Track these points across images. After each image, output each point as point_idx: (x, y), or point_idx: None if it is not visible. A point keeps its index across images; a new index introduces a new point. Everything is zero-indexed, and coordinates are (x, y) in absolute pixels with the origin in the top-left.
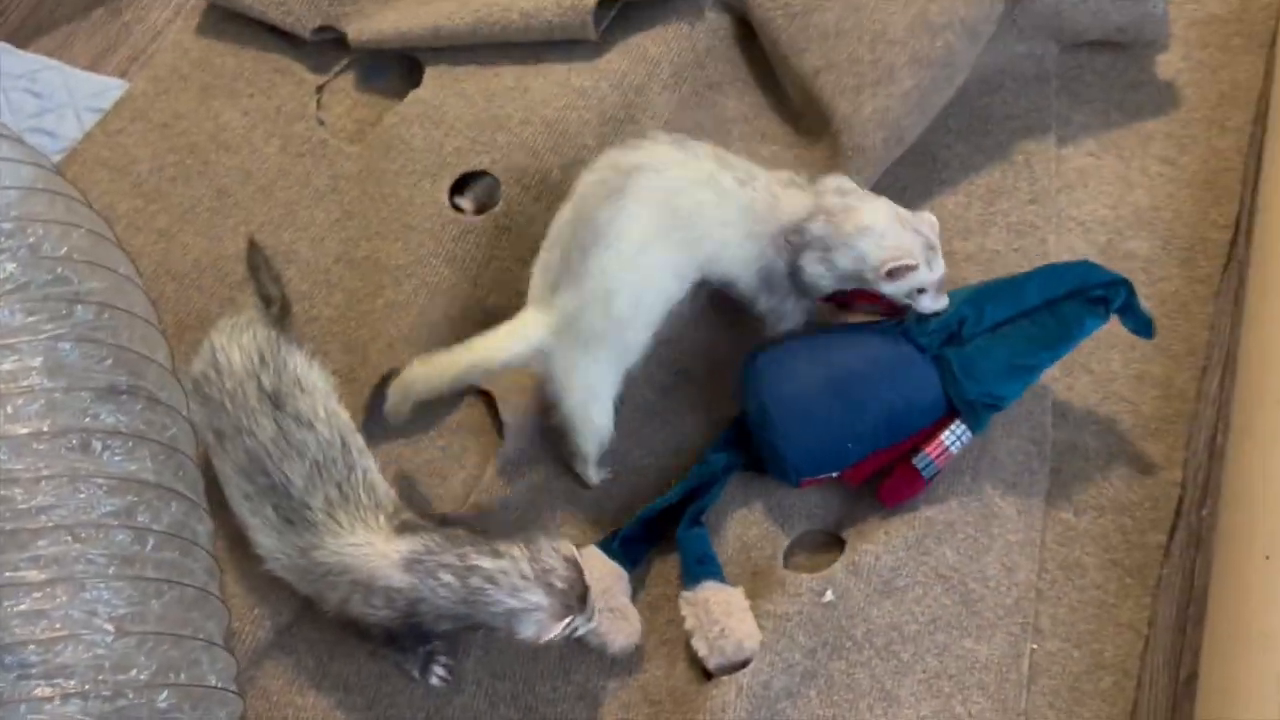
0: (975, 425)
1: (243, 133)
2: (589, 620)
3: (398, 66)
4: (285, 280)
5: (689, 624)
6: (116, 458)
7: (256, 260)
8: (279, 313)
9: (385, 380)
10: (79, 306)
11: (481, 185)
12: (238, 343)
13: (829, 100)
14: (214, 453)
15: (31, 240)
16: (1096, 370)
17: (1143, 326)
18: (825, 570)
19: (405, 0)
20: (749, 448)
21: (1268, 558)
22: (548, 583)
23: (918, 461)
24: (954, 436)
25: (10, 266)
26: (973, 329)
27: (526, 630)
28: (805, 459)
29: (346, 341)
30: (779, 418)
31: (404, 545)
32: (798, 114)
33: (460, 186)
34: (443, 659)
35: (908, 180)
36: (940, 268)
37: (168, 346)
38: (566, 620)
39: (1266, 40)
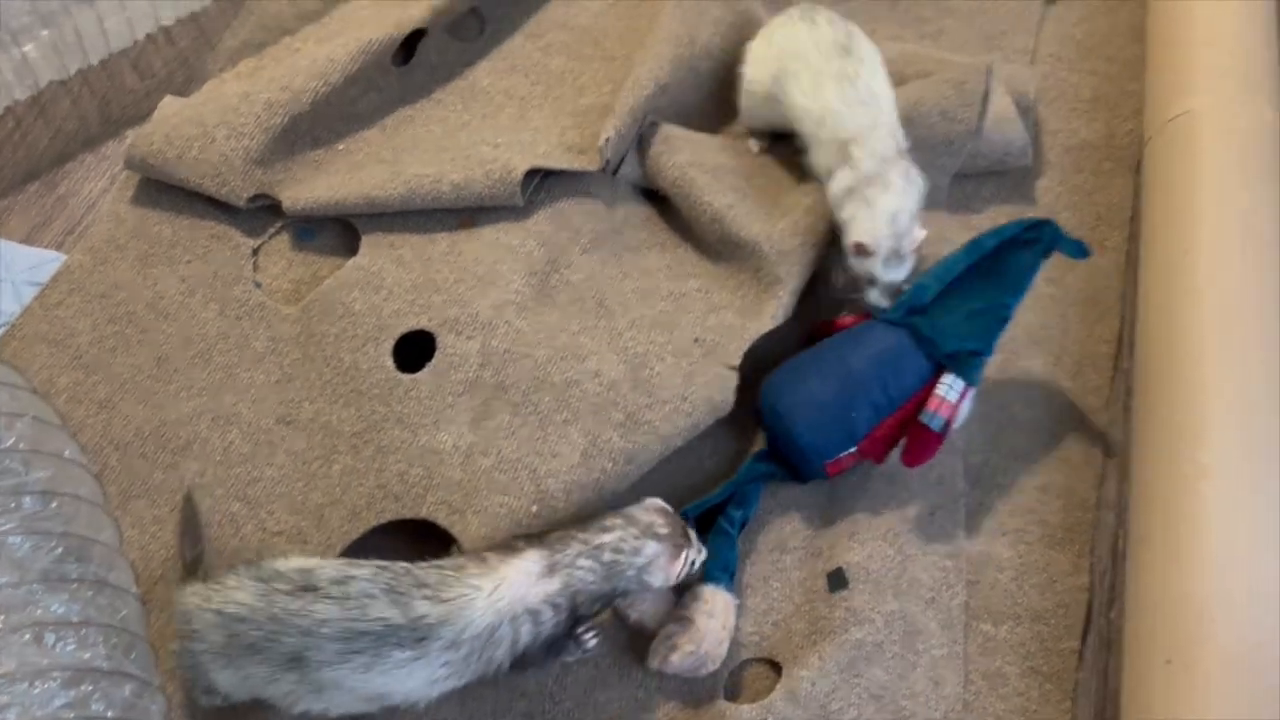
0: (968, 376)
1: (180, 299)
2: (700, 550)
3: (332, 225)
4: (228, 444)
5: (681, 611)
6: (69, 647)
7: (188, 515)
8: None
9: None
10: (26, 497)
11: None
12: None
13: (743, 226)
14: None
15: None
16: (1004, 484)
17: (1077, 250)
18: (764, 699)
19: (338, 167)
20: (779, 461)
21: (1169, 662)
22: (654, 534)
23: (924, 418)
24: (947, 387)
25: None
26: (929, 296)
27: (656, 579)
28: (818, 439)
29: (293, 503)
30: (786, 411)
31: (529, 561)
32: (716, 251)
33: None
34: (584, 627)
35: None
36: (896, 274)
37: (115, 525)
38: (683, 557)
39: (1133, 164)
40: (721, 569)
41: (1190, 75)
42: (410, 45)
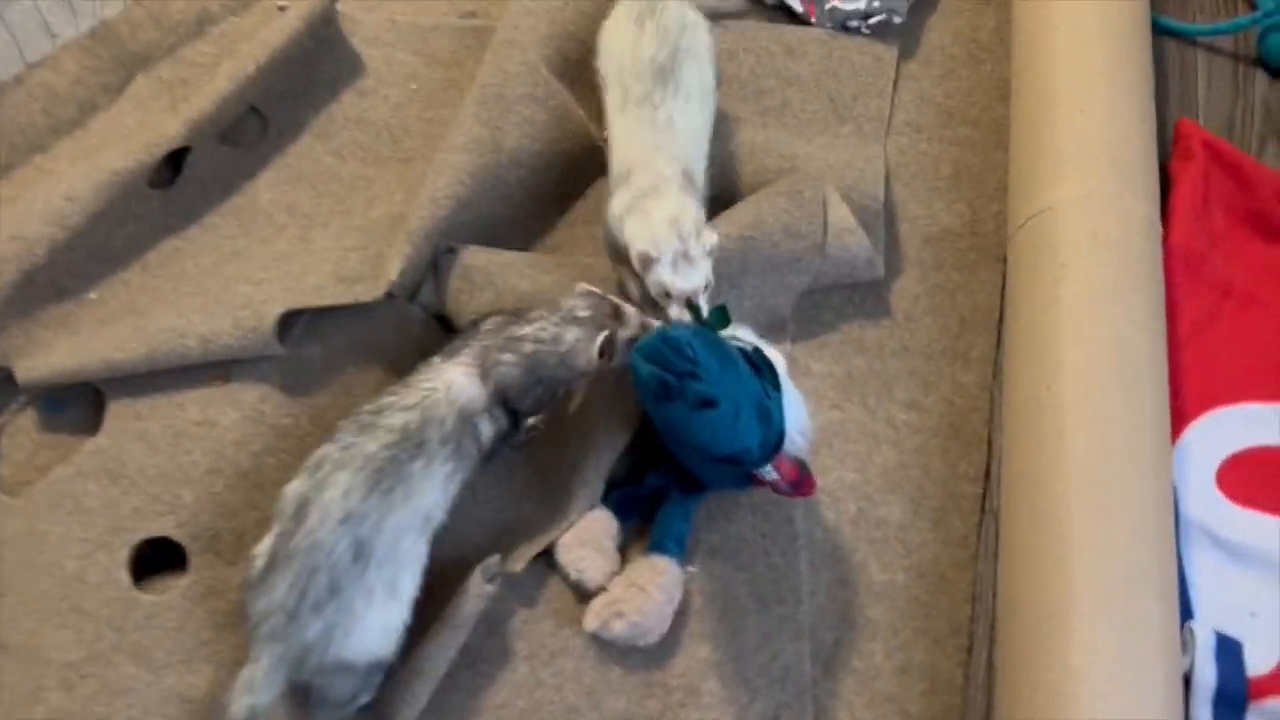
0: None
1: None
2: (634, 327)
3: (84, 394)
4: None
5: (633, 577)
6: None
7: None
8: None
9: None
10: None
11: (163, 554)
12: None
13: None
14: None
15: None
16: (859, 667)
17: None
18: None
19: (84, 323)
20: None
21: None
22: (573, 318)
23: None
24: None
25: None
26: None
27: (580, 362)
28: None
29: None
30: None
31: (465, 362)
32: None
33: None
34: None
35: None
36: (690, 280)
37: None
38: (603, 333)
39: (1000, 253)
40: (674, 540)
41: (1055, 164)
42: (180, 154)
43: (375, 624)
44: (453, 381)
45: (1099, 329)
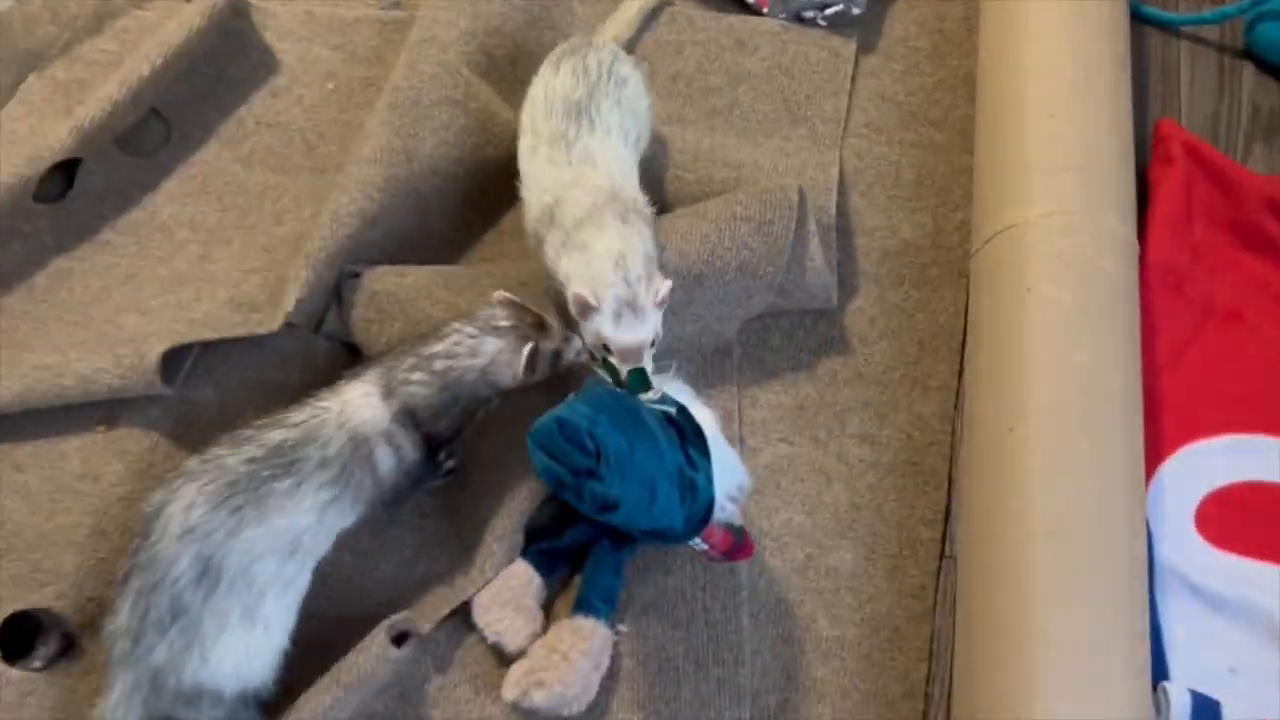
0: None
1: None
2: (557, 340)
3: None
4: None
5: (554, 643)
6: None
7: None
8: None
9: None
10: None
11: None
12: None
13: None
14: None
15: None
16: None
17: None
18: None
19: None
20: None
21: None
22: (492, 328)
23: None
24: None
25: None
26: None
27: (504, 378)
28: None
29: None
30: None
31: (367, 382)
32: None
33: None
34: (444, 452)
35: None
36: (636, 334)
37: None
38: (529, 345)
39: (965, 268)
40: (602, 597)
41: (1021, 176)
42: (73, 164)
43: (234, 649)
44: (348, 402)
45: (1067, 363)
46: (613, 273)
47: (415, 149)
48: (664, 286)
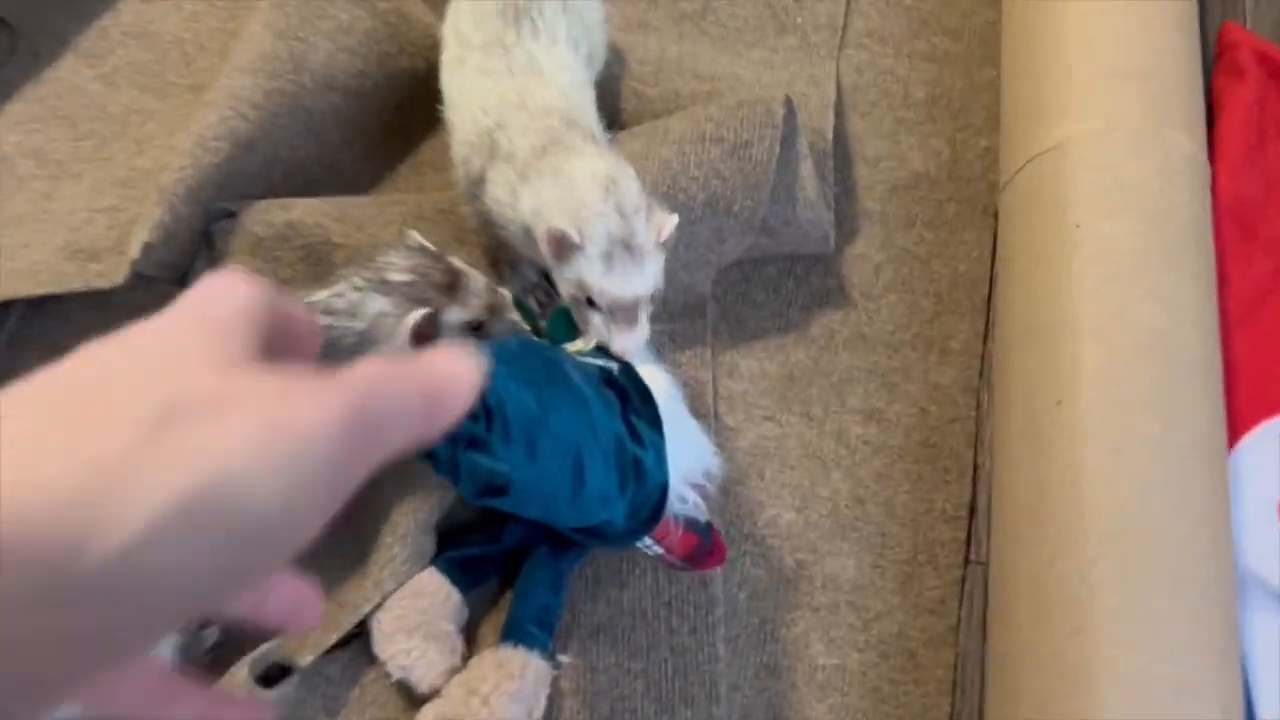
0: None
1: None
2: (476, 309)
3: None
4: None
5: (473, 679)
6: None
7: None
8: None
9: None
10: None
11: None
12: None
13: None
14: None
15: None
16: None
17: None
18: None
19: None
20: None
21: None
22: (382, 281)
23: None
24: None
25: None
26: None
27: (388, 349)
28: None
29: None
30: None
31: None
32: None
33: None
34: None
35: None
36: (632, 284)
37: None
38: (422, 311)
39: (990, 206)
40: (536, 621)
41: (1063, 86)
42: None
43: None
44: None
45: (1130, 317)
46: (601, 201)
47: (305, 56)
48: (669, 222)
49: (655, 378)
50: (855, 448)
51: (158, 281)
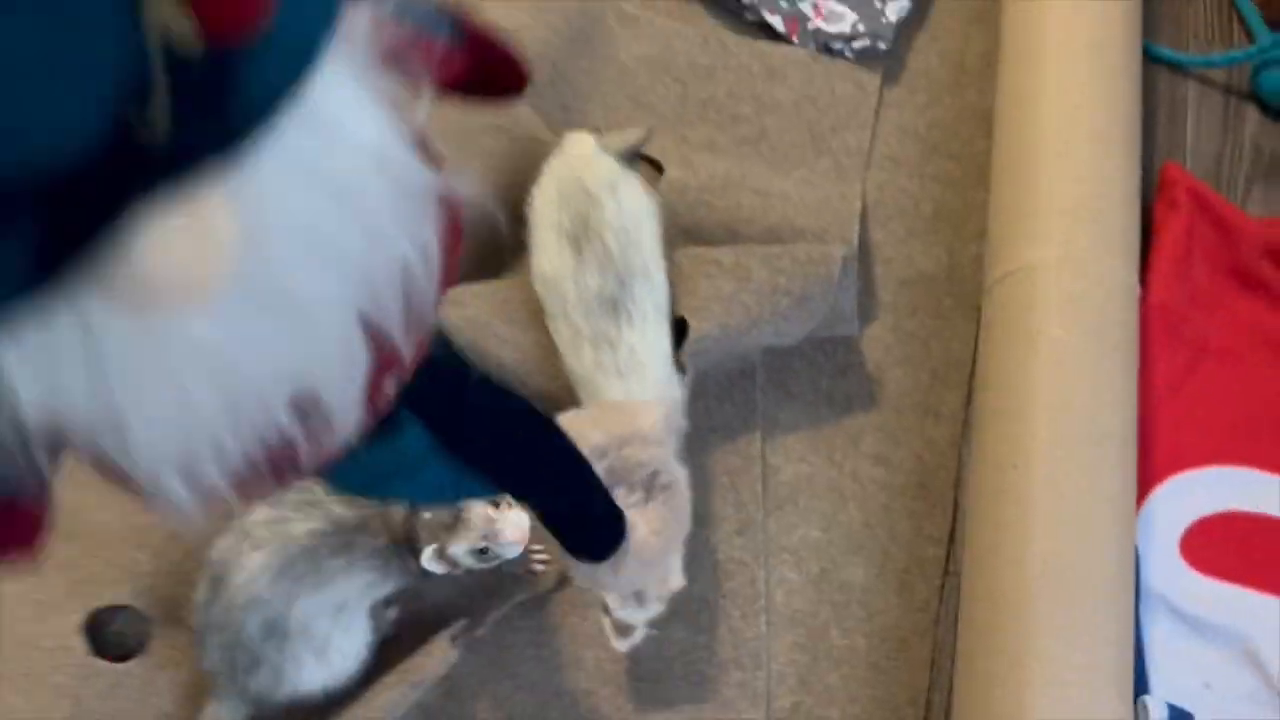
0: None
1: None
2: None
3: None
4: None
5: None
6: None
7: None
8: None
9: None
10: None
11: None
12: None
13: None
14: None
15: None
16: None
17: None
18: None
19: None
20: None
21: None
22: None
23: None
24: None
25: None
26: None
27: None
28: None
29: None
30: None
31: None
32: None
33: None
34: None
35: None
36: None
37: None
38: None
39: (976, 302)
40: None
41: (1032, 218)
42: None
43: (317, 676)
44: (389, 515)
45: (1069, 405)
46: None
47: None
48: (676, 584)
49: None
50: (866, 485)
51: None
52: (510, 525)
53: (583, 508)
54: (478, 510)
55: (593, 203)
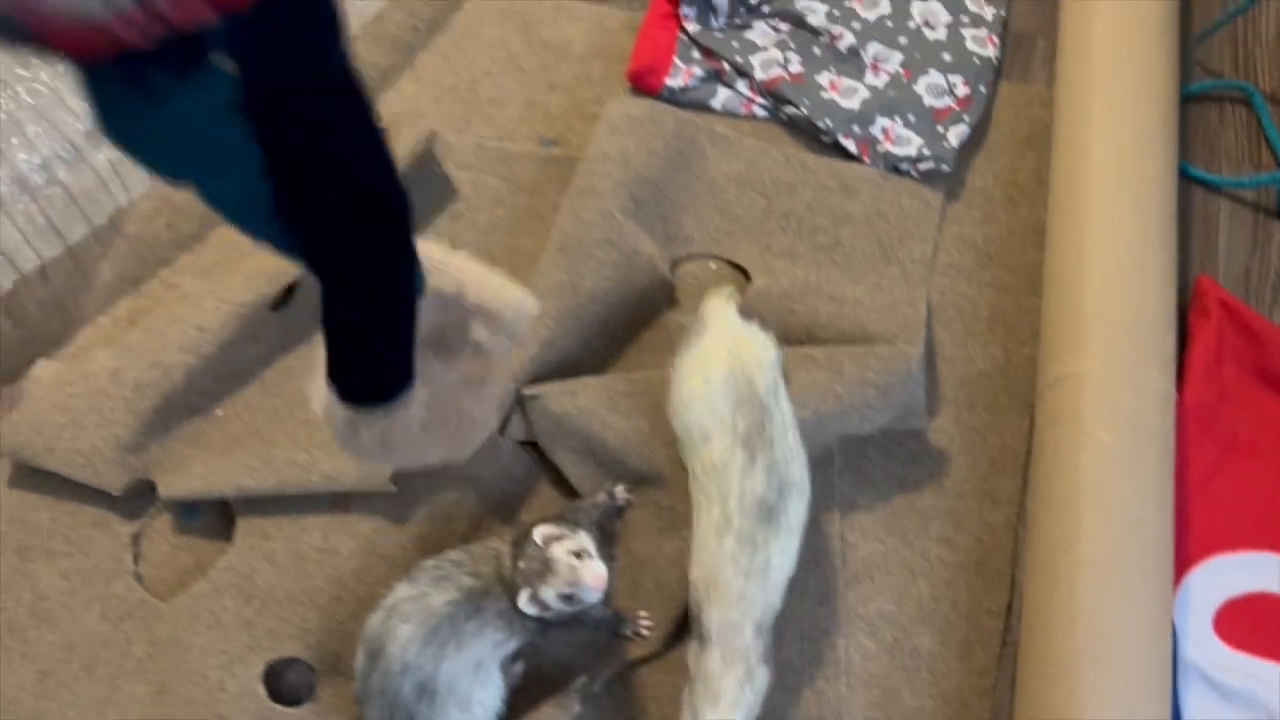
0: None
1: (61, 599)
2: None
3: (213, 507)
4: None
5: None
6: None
7: None
8: None
9: None
10: None
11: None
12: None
13: None
14: None
15: None
16: None
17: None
18: None
19: (213, 442)
20: None
21: None
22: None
23: None
24: None
25: None
26: None
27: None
28: None
29: None
30: None
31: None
32: None
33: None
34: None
35: None
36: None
37: None
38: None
39: (1028, 400)
40: None
41: (1078, 330)
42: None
43: None
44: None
45: (1113, 498)
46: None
47: (580, 282)
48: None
49: None
50: (933, 562)
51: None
52: (590, 573)
53: (373, 296)
54: (564, 560)
55: (766, 415)
